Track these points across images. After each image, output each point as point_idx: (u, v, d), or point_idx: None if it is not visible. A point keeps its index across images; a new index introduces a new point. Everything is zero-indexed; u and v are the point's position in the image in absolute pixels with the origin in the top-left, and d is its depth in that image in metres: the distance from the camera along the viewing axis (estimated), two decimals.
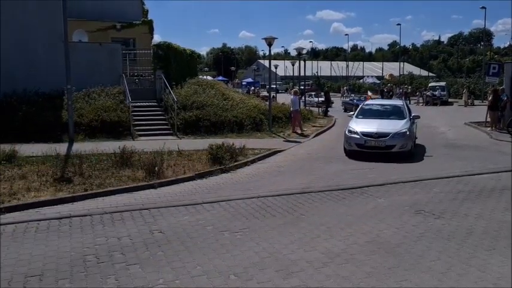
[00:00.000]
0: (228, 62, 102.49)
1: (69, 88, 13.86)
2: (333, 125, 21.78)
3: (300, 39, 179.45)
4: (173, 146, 12.11)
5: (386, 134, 11.91)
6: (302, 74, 30.87)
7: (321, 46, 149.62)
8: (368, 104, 15.06)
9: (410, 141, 12.25)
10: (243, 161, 11.40)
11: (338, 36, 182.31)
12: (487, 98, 22.09)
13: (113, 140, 14.13)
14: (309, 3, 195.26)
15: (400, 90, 44.94)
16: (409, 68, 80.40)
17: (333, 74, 74.90)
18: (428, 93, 39.35)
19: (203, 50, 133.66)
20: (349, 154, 12.44)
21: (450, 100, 40.40)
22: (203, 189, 8.86)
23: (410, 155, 12.15)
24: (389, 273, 4.87)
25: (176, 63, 20.22)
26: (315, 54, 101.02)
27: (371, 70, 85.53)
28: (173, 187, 8.92)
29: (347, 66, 74.99)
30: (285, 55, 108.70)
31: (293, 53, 73.49)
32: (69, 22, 14.49)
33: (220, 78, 66.15)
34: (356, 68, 74.72)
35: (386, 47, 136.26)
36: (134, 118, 16.42)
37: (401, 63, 72.31)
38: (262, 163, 11.85)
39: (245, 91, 43.29)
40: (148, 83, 20.04)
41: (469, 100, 37.28)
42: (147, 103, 18.23)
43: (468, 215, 6.98)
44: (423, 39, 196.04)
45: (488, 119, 19.05)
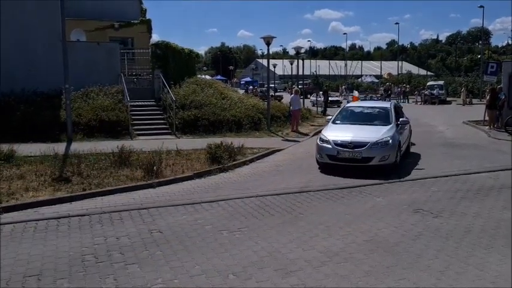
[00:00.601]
0: (227, 61, 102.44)
1: (67, 87, 13.82)
2: None
3: (299, 38, 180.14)
4: (172, 146, 12.10)
5: (363, 144, 9.89)
6: (300, 73, 30.85)
7: (320, 45, 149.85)
8: (350, 107, 12.81)
9: (394, 151, 10.10)
10: (242, 160, 11.40)
11: (336, 35, 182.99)
12: (485, 97, 22.12)
13: (112, 140, 14.11)
14: (308, 2, 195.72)
15: (399, 89, 45.05)
16: (408, 67, 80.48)
17: (332, 73, 74.93)
18: (426, 92, 39.47)
19: (201, 49, 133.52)
20: (322, 167, 10.55)
21: (448, 99, 40.55)
22: (202, 188, 8.86)
23: (394, 169, 10.12)
24: (387, 272, 4.89)
25: (174, 62, 20.18)
26: (314, 53, 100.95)
27: (369, 69, 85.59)
28: (172, 186, 8.92)
29: (345, 65, 75.05)
30: (284, 54, 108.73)
31: (291, 52, 73.34)
32: (67, 21, 14.43)
33: (218, 77, 66.11)
34: (354, 67, 74.75)
35: (384, 46, 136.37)
36: (133, 117, 16.39)
37: (399, 62, 72.34)
38: (260, 162, 11.85)
39: (244, 90, 43.31)
40: (146, 83, 20.03)
41: (467, 99, 37.41)
42: (146, 102, 18.21)
43: (466, 214, 7.00)
44: (421, 38, 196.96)
45: (486, 118, 19.11)
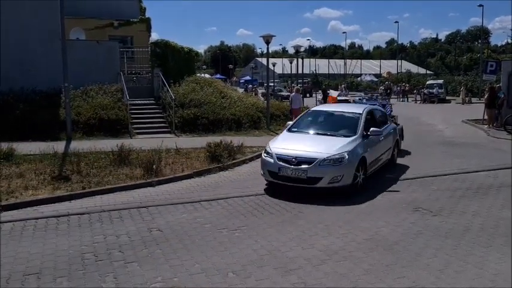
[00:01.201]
0: (226, 60, 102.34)
1: (66, 86, 13.81)
2: None
3: (298, 37, 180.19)
4: (171, 144, 12.09)
5: (310, 160, 7.80)
6: (300, 72, 30.86)
7: (319, 44, 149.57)
8: (315, 111, 10.52)
9: (350, 171, 7.93)
10: (241, 159, 11.40)
11: (336, 34, 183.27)
12: (484, 96, 22.13)
13: (111, 138, 14.11)
14: (307, 1, 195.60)
15: (398, 88, 45.05)
16: (407, 66, 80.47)
17: (331, 72, 74.93)
18: (425, 91, 39.50)
19: (201, 48, 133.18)
20: (269, 185, 8.63)
21: (448, 98, 40.57)
22: (201, 187, 8.85)
23: (349, 193, 7.94)
24: (387, 270, 4.90)
25: (174, 61, 20.16)
26: (313, 52, 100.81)
27: (369, 68, 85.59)
28: (171, 185, 8.92)
29: (345, 64, 75.08)
30: (283, 53, 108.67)
31: (291, 51, 73.30)
32: (66, 20, 14.40)
33: (218, 76, 66.07)
34: (354, 66, 74.77)
35: (384, 45, 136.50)
36: (132, 116, 16.37)
37: (399, 61, 72.36)
38: (260, 161, 11.83)
39: (243, 89, 43.28)
40: (146, 81, 20.00)
41: (467, 98, 37.43)
42: (145, 101, 18.19)
43: (465, 213, 7.02)
44: (421, 37, 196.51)
45: (485, 117, 19.12)
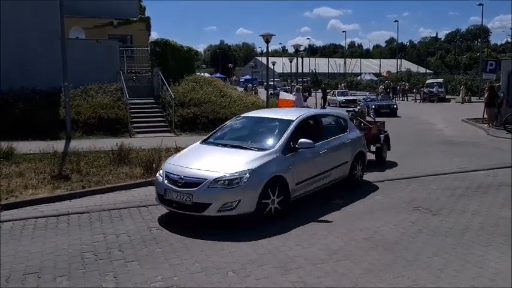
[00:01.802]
0: (226, 59, 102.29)
1: (66, 85, 13.81)
2: None
3: (298, 36, 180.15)
4: (171, 143, 12.07)
5: (197, 181, 6.24)
6: (300, 71, 30.85)
7: (319, 43, 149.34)
8: (241, 117, 8.60)
9: (252, 194, 6.23)
10: None
11: (335, 33, 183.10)
12: (484, 95, 22.13)
13: (111, 137, 14.10)
14: (307, 0, 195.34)
15: (398, 87, 45.01)
16: (407, 65, 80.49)
17: (331, 71, 74.91)
18: (425, 90, 39.49)
19: (200, 47, 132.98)
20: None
21: (447, 97, 40.53)
22: None
23: (257, 221, 6.33)
24: (387, 269, 4.90)
25: (174, 60, 20.17)
26: (313, 51, 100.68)
27: (368, 67, 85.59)
28: None
29: (344, 63, 75.06)
30: (283, 52, 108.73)
31: (291, 50, 73.56)
32: (66, 19, 14.40)
33: (217, 75, 65.98)
34: (353, 65, 74.74)
35: (383, 44, 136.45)
36: (132, 115, 16.37)
37: (398, 60, 72.36)
38: None
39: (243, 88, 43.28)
40: (145, 80, 20.00)
41: (466, 97, 37.41)
42: (145, 100, 18.19)
43: (465, 212, 7.02)
44: (420, 36, 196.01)
45: (485, 116, 19.12)
